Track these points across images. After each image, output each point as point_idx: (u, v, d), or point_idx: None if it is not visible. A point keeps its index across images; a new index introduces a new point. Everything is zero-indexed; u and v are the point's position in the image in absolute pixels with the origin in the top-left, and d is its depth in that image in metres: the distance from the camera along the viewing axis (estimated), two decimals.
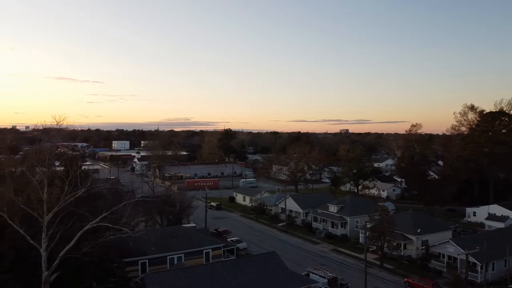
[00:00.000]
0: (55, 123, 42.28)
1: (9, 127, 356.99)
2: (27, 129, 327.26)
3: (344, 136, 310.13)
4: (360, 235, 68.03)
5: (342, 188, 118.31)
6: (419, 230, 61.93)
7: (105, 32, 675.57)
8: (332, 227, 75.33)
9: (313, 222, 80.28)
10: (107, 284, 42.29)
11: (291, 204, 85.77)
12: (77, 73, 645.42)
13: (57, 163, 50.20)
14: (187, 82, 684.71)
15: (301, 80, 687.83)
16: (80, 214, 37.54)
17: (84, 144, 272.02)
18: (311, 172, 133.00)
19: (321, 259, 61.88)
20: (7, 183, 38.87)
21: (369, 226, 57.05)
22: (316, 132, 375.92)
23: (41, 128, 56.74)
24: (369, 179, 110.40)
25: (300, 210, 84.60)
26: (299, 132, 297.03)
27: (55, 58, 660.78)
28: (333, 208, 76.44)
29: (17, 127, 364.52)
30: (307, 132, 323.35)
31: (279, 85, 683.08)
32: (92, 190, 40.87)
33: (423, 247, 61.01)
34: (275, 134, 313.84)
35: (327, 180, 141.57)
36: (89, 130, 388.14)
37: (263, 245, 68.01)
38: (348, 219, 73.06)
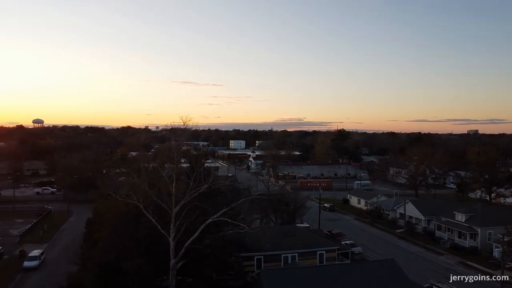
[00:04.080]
0: (182, 123, 45.86)
1: (142, 127, 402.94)
2: (157, 129, 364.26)
3: (473, 137, 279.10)
4: (495, 249, 60.27)
5: (471, 195, 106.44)
6: None
7: (223, 39, 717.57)
8: (459, 237, 68.18)
9: (436, 231, 73.74)
10: (225, 276, 44.56)
11: (411, 210, 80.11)
12: (199, 77, 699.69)
13: (183, 160, 54.49)
14: (300, 82, 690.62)
15: (421, 77, 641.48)
16: (203, 208, 39.89)
17: (205, 143, 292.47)
18: (433, 176, 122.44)
19: (446, 271, 56.22)
20: (143, 177, 43.49)
21: (506, 239, 50.16)
22: (439, 132, 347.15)
23: (169, 128, 61.95)
24: (505, 186, 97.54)
25: (421, 217, 78.47)
26: (419, 132, 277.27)
27: (181, 64, 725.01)
28: (460, 217, 69.18)
29: (149, 127, 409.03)
30: (429, 132, 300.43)
31: (396, 83, 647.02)
32: (213, 186, 43.20)
33: None
34: (392, 134, 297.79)
35: (452, 186, 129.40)
36: (209, 130, 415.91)
37: (380, 251, 64.68)
38: (479, 230, 65.30)
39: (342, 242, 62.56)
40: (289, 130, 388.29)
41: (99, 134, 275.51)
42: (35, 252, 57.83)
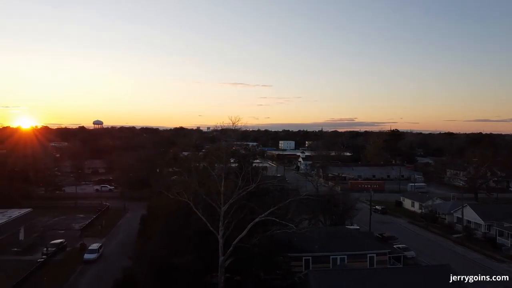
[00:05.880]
0: (231, 124, 46.57)
1: (194, 128, 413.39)
2: (208, 130, 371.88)
3: None
4: None
5: None
6: None
7: (272, 41, 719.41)
8: None
9: (497, 237, 69.28)
10: (273, 275, 44.62)
11: (470, 214, 75.86)
12: (249, 78, 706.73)
13: (232, 160, 55.29)
14: (352, 82, 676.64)
15: (482, 74, 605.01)
16: (251, 207, 40.23)
17: (254, 143, 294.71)
18: (495, 179, 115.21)
19: (508, 281, 52.70)
20: (193, 176, 44.68)
21: None
22: (503, 133, 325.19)
23: (219, 128, 63.05)
24: None
25: (481, 222, 74.07)
26: (480, 133, 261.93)
27: (232, 66, 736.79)
28: None
29: (200, 128, 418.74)
30: (490, 133, 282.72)
31: (455, 81, 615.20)
32: (261, 185, 43.42)
33: None
34: (449, 135, 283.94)
35: None
36: (258, 130, 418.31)
37: (434, 257, 61.86)
38: None
39: (394, 246, 60.56)
40: (339, 130, 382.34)
41: (154, 134, 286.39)
42: (94, 246, 61.34)
